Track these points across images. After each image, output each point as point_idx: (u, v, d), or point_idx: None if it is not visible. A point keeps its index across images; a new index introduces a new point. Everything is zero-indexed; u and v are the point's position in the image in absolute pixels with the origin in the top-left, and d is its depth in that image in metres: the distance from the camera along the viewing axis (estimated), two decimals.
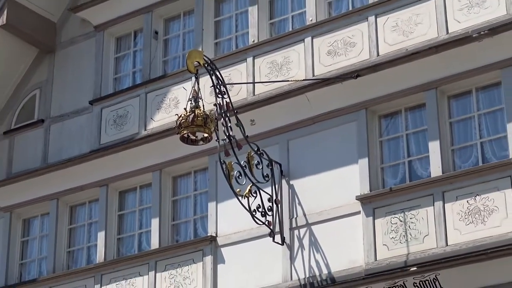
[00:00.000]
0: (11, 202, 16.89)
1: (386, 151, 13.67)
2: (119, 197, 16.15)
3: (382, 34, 13.91)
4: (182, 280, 14.62)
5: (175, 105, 15.38)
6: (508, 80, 12.60)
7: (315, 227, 13.63)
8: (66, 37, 17.60)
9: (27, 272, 16.74)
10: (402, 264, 12.60)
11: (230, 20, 15.98)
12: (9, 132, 17.49)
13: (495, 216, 12.11)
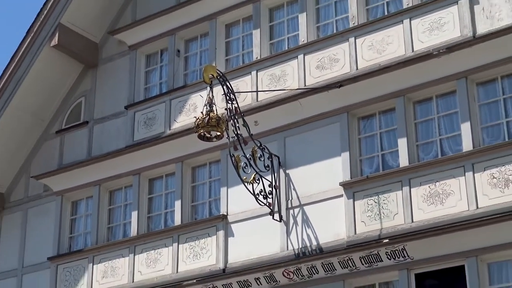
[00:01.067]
0: (62, 188, 16.90)
1: (364, 146, 13.71)
2: (148, 183, 16.16)
3: (360, 52, 13.93)
4: (199, 250, 14.63)
5: (193, 109, 15.36)
6: (461, 89, 12.69)
7: (307, 207, 13.66)
8: (106, 55, 17.62)
9: (75, 243, 16.75)
10: (376, 237, 12.66)
11: (238, 41, 15.98)
12: (60, 131, 17.52)
13: (451, 198, 12.21)
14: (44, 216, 17.16)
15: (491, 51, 12.46)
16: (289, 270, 13.24)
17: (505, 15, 12.66)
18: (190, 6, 16.26)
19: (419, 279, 12.33)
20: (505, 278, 11.70)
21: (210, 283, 14.04)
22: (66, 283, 16.18)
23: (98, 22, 17.55)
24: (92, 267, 15.93)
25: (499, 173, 11.95)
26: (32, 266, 16.93)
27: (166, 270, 14.92)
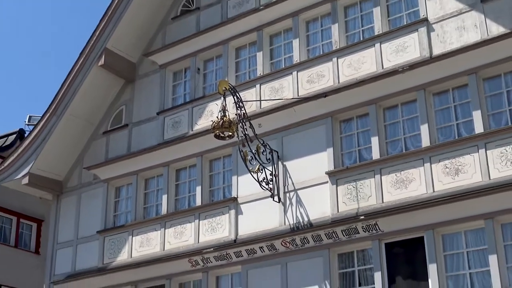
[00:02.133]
0: (108, 176, 17.02)
1: (344, 143, 13.83)
2: (176, 173, 16.24)
3: (341, 69, 14.05)
4: (215, 225, 14.74)
5: (210, 115, 15.43)
6: (421, 98, 12.83)
7: (299, 191, 13.80)
8: (141, 72, 17.73)
9: (118, 220, 16.85)
10: (354, 214, 12.82)
11: (245, 61, 16.08)
12: (106, 132, 17.67)
13: (413, 184, 12.40)
14: (94, 199, 17.27)
15: (444, 68, 12.61)
16: (286, 241, 13.38)
17: (455, 40, 12.81)
18: (208, 33, 16.39)
19: (388, 247, 12.51)
20: (456, 246, 11.89)
21: (224, 251, 14.16)
22: (111, 251, 16.30)
23: (135, 46, 17.67)
24: (132, 238, 16.05)
25: (451, 164, 12.10)
26: (85, 238, 17.05)
27: (189, 241, 15.03)
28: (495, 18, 12.47)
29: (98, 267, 16.38)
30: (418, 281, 12.08)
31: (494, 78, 12.41)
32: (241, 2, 16.33)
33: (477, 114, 12.19)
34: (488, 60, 12.23)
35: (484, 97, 12.34)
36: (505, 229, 11.46)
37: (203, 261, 14.50)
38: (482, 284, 11.39)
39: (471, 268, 11.60)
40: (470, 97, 12.44)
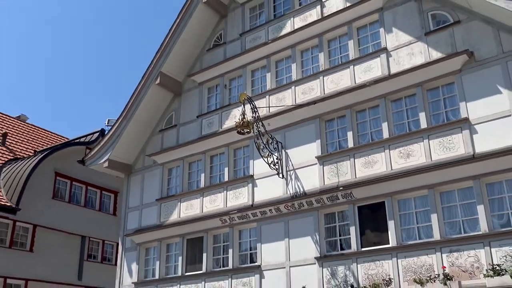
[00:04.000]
0: (163, 161, 17.06)
1: (328, 136, 13.71)
2: (210, 158, 16.15)
3: (326, 84, 13.99)
4: (239, 194, 14.72)
5: (234, 117, 15.38)
6: (382, 104, 12.82)
7: (297, 170, 13.73)
8: (186, 88, 17.68)
9: (170, 192, 16.77)
10: (335, 186, 12.74)
11: (258, 79, 15.98)
12: (162, 130, 17.64)
13: (377, 164, 12.48)
14: (153, 177, 17.27)
15: (399, 82, 12.54)
16: (287, 205, 13.34)
17: (406, 62, 12.73)
18: (232, 60, 16.32)
19: (359, 209, 12.45)
20: (407, 208, 11.84)
21: (244, 212, 14.14)
22: (166, 213, 16.28)
23: (181, 70, 17.61)
24: (180, 204, 16.05)
25: (404, 150, 12.09)
26: (147, 204, 17.04)
27: (220, 206, 15.01)
28: (435, 47, 12.38)
29: (156, 224, 16.38)
30: (381, 232, 12.00)
31: (434, 89, 12.28)
32: (255, 37, 16.24)
33: (422, 114, 12.09)
34: (430, 76, 12.15)
35: (428, 103, 12.24)
36: (442, 196, 11.38)
37: (229, 220, 14.47)
38: (426, 235, 11.33)
39: (418, 223, 11.54)
40: (417, 103, 12.34)
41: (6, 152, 25.35)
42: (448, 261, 10.69)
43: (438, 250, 10.88)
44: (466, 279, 10.34)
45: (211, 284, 14.41)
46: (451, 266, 10.61)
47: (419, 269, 10.99)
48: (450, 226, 11.07)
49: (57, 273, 22.57)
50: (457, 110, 11.70)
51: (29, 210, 21.77)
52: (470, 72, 11.64)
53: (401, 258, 11.31)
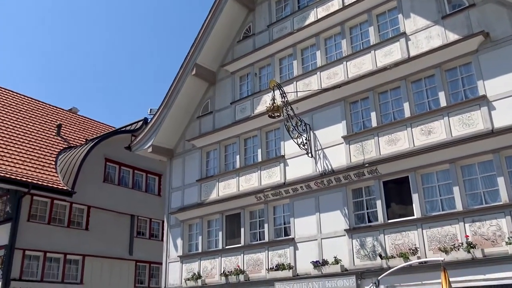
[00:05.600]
0: (201, 145, 17.15)
1: (353, 117, 13.52)
2: (244, 141, 16.12)
3: (349, 69, 13.76)
4: (271, 173, 14.71)
5: (264, 103, 15.37)
6: (403, 86, 12.57)
7: (325, 149, 13.62)
8: (219, 77, 17.66)
9: (209, 173, 16.87)
10: (361, 163, 12.56)
11: (286, 67, 15.83)
12: (199, 117, 17.71)
13: (400, 141, 12.24)
14: (193, 160, 17.40)
15: (418, 64, 12.24)
16: (317, 182, 13.27)
17: (425, 45, 12.44)
18: (260, 50, 16.20)
19: (384, 184, 12.27)
20: (430, 181, 11.60)
21: (277, 189, 14.13)
22: (205, 192, 16.41)
23: (215, 61, 17.59)
24: (218, 184, 16.10)
25: (425, 127, 11.83)
26: (188, 184, 17.18)
27: (255, 184, 15.05)
28: (451, 29, 12.03)
29: (197, 203, 16.53)
30: (405, 205, 11.82)
31: (452, 69, 11.94)
32: (281, 28, 16.06)
33: (442, 94, 11.80)
34: (448, 57, 11.82)
35: (446, 82, 11.93)
36: (463, 169, 11.11)
37: (264, 197, 14.48)
38: (449, 206, 11.11)
39: (441, 196, 11.32)
40: (436, 83, 12.04)
41: (61, 141, 25.92)
42: (471, 230, 10.48)
43: (461, 220, 10.67)
44: (489, 247, 10.13)
45: (249, 256, 14.51)
46: (474, 235, 10.40)
47: (443, 238, 10.81)
48: (471, 198, 10.82)
49: (110, 249, 23.10)
50: (475, 88, 11.36)
51: (83, 192, 22.26)
52: (486, 52, 11.26)
53: (425, 228, 11.15)
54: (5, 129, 23.57)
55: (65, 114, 29.97)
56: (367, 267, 11.80)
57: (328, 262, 12.42)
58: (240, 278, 14.24)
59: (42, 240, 20.68)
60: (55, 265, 21.08)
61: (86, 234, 22.45)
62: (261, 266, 14.09)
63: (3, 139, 22.65)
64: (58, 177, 22.30)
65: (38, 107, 28.32)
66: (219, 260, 15.26)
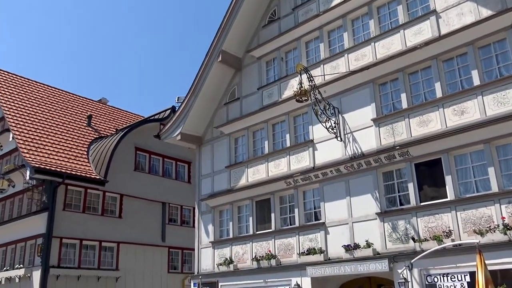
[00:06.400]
0: (229, 131, 17.15)
1: (383, 99, 13.25)
2: (272, 126, 16.00)
3: (378, 49, 13.48)
4: (300, 158, 14.61)
5: (292, 87, 15.19)
6: (434, 65, 12.32)
7: (354, 133, 13.43)
8: (245, 63, 17.55)
9: (238, 159, 16.89)
10: (392, 145, 12.31)
11: (312, 50, 15.57)
12: (226, 103, 17.67)
13: (432, 123, 11.83)
14: (221, 146, 17.42)
15: (450, 42, 11.91)
16: (347, 166, 13.13)
17: (456, 22, 12.06)
18: (286, 34, 15.98)
19: (416, 166, 12.04)
20: (464, 163, 11.31)
21: (306, 174, 14.05)
22: (235, 178, 16.44)
23: (240, 47, 17.48)
24: (247, 170, 16.12)
25: (458, 107, 11.54)
26: (218, 171, 17.22)
27: (284, 169, 14.98)
28: (484, 5, 11.64)
29: (227, 189, 16.60)
30: (438, 187, 11.58)
31: (486, 46, 11.55)
32: (307, 11, 15.80)
33: (475, 72, 11.45)
34: (481, 34, 11.44)
35: (480, 60, 11.55)
36: (498, 149, 10.81)
37: (293, 182, 14.43)
38: (484, 188, 10.83)
39: (475, 177, 11.04)
40: (469, 61, 11.68)
41: (92, 132, 26.40)
42: (507, 212, 10.20)
43: (496, 201, 10.38)
44: None
45: (280, 241, 14.53)
46: (511, 216, 10.12)
47: (478, 220, 10.56)
48: (507, 178, 10.51)
49: (143, 236, 23.54)
50: (510, 66, 10.96)
51: (115, 181, 22.68)
52: None
53: (460, 210, 10.90)
54: (38, 122, 24.14)
55: (95, 105, 30.48)
56: (399, 251, 11.65)
57: (359, 246, 12.32)
58: (272, 262, 14.29)
59: (78, 228, 21.22)
60: (91, 252, 21.63)
61: (120, 222, 22.91)
62: (292, 250, 14.10)
63: (37, 131, 23.21)
64: (90, 166, 22.77)
65: (69, 99, 28.88)
66: (250, 245, 15.33)
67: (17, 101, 24.79)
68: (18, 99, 25.09)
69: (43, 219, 20.37)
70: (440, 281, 10.83)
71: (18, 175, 21.53)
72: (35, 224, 20.61)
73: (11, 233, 21.94)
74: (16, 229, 21.67)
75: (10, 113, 23.24)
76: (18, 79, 27.42)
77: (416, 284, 11.12)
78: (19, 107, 24.31)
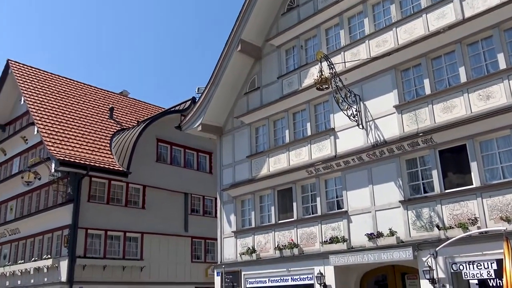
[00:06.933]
0: (250, 121, 17.11)
1: (405, 85, 13.03)
2: (292, 115, 15.91)
3: (399, 35, 13.22)
4: (322, 147, 14.50)
5: (312, 75, 15.05)
6: (458, 49, 12.02)
7: (376, 120, 13.25)
8: (265, 52, 17.43)
9: (258, 149, 16.86)
10: (415, 132, 12.09)
11: (332, 37, 15.37)
12: (246, 93, 17.63)
13: (456, 108, 11.53)
14: (242, 136, 17.40)
15: (474, 25, 11.61)
16: (369, 154, 12.97)
17: (481, 4, 11.72)
18: (306, 21, 15.80)
19: (440, 153, 11.81)
20: (490, 149, 11.07)
21: (328, 163, 13.94)
22: (256, 168, 16.42)
23: (259, 36, 17.36)
24: (268, 159, 16.09)
25: (483, 92, 11.25)
26: (239, 161, 17.22)
27: (305, 158, 14.90)
28: None
29: (249, 178, 16.60)
30: (463, 174, 11.36)
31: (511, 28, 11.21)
32: None
33: (501, 55, 11.16)
34: (507, 16, 11.12)
35: (506, 43, 11.24)
36: None
37: (315, 171, 14.34)
38: (511, 174, 10.56)
39: (502, 163, 10.78)
40: (494, 44, 11.37)
41: (114, 124, 26.67)
42: None
43: None
44: None
45: (302, 230, 14.48)
46: None
47: (505, 207, 10.32)
48: None
49: (166, 226, 23.76)
50: None
51: (138, 173, 22.91)
52: None
53: (485, 197, 10.67)
54: (62, 115, 24.48)
55: (117, 97, 30.75)
56: (424, 238, 11.49)
57: (383, 234, 12.19)
58: (294, 251, 14.27)
59: (102, 219, 21.54)
60: (116, 243, 21.95)
61: (143, 212, 23.17)
62: (315, 239, 14.04)
63: (61, 124, 23.55)
64: (113, 158, 23.03)
65: (91, 92, 29.20)
66: (273, 234, 15.33)
67: (40, 95, 25.17)
68: (42, 93, 25.48)
69: (69, 210, 20.72)
70: (466, 269, 10.65)
71: (44, 168, 21.90)
72: (61, 216, 20.98)
73: (39, 224, 22.39)
74: (43, 220, 22.10)
75: (34, 107, 23.61)
76: (41, 73, 27.82)
77: (441, 272, 10.96)
78: (42, 101, 24.69)
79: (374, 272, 13.47)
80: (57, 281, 20.15)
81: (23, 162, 25.10)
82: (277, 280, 14.71)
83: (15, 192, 24.89)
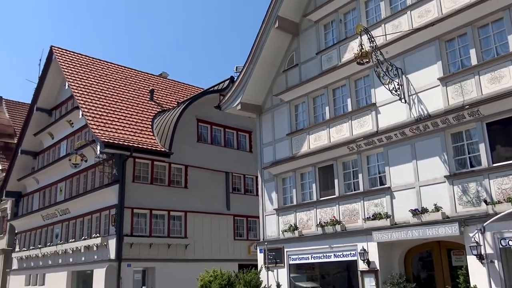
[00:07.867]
0: (289, 99, 17.00)
1: (450, 56, 12.58)
2: (332, 91, 15.67)
3: (443, 3, 12.66)
4: (363, 123, 14.23)
5: (352, 50, 14.75)
6: (507, 16, 11.27)
7: (419, 94, 12.89)
8: (303, 28, 17.18)
9: (299, 126, 16.75)
10: (461, 105, 11.70)
11: (372, 10, 14.94)
12: (285, 71, 17.46)
13: (505, 79, 11.03)
14: (282, 114, 17.35)
15: None
16: (412, 128, 12.68)
17: None
18: None
19: (488, 125, 11.38)
20: None
21: (370, 139, 13.73)
22: (296, 146, 16.37)
23: (297, 11, 17.10)
24: (308, 137, 15.99)
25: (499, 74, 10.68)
26: (279, 139, 17.14)
27: (346, 134, 14.72)
28: None
29: (289, 156, 16.57)
30: None
31: None
32: None
33: None
34: None
35: None
36: None
37: (356, 147, 14.15)
38: None
39: None
40: None
41: (155, 106, 27.10)
42: None
43: None
44: None
45: (344, 206, 14.39)
46: None
47: None
48: None
49: (209, 205, 24.15)
50: None
51: (180, 153, 23.28)
52: None
53: None
54: (104, 98, 25.06)
55: (156, 79, 31.16)
56: (470, 214, 11.19)
57: (427, 210, 11.95)
58: (337, 228, 14.22)
59: (147, 198, 22.09)
60: (161, 221, 22.51)
61: (186, 192, 23.60)
62: (357, 216, 13.93)
63: (104, 107, 24.13)
64: (155, 139, 23.46)
65: (131, 75, 29.70)
66: (314, 211, 15.31)
67: (83, 79, 25.81)
68: (85, 77, 26.11)
69: (115, 191, 21.33)
70: None
71: (90, 150, 22.58)
72: (108, 196, 21.64)
73: (87, 204, 23.19)
74: (90, 201, 22.87)
75: (78, 92, 24.26)
76: (83, 58, 28.46)
77: (489, 248, 10.68)
78: (86, 85, 25.31)
79: (418, 248, 13.26)
80: (106, 258, 20.90)
81: (70, 145, 26.00)
82: (320, 256, 14.74)
83: (63, 174, 25.86)
